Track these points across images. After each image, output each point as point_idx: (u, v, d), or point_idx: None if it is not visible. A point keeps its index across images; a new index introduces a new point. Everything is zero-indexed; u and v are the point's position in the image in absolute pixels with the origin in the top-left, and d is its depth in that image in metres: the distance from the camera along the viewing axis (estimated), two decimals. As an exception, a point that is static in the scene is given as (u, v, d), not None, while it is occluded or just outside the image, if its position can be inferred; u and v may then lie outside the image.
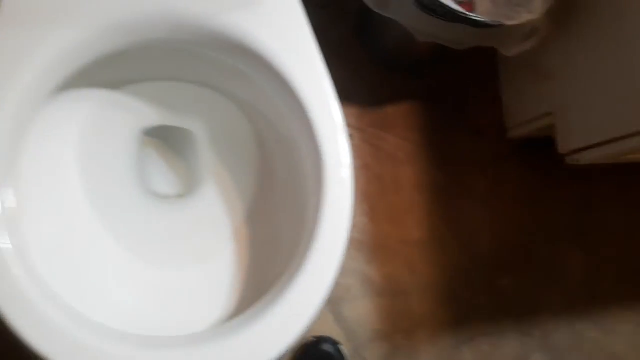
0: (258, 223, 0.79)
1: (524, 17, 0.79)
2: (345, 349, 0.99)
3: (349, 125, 0.81)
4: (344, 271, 0.62)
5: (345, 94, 0.71)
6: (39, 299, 0.53)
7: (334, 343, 0.98)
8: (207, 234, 0.79)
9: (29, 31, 0.59)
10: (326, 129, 0.64)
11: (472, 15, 0.78)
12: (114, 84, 0.78)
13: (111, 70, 0.74)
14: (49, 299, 0.54)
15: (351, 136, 1.06)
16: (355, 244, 1.05)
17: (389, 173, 1.09)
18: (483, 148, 1.14)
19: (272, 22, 0.66)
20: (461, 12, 0.78)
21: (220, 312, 0.72)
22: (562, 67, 0.91)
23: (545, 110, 0.96)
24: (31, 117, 0.61)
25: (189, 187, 0.83)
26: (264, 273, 0.73)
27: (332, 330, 1.02)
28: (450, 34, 0.82)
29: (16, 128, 0.59)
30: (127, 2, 0.63)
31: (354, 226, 0.75)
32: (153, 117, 0.82)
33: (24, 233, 0.59)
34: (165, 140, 0.85)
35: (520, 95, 1.06)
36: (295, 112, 0.66)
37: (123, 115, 0.79)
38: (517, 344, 1.07)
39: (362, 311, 1.04)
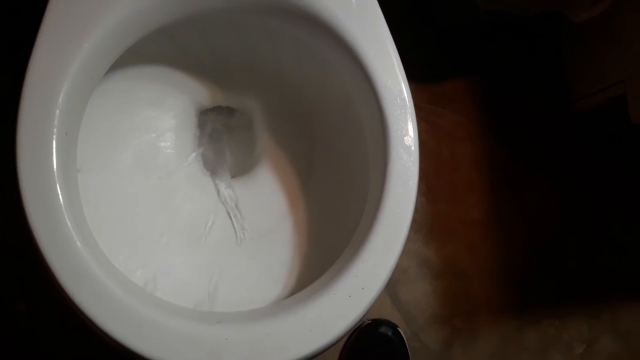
0: (316, 199, 0.77)
1: (596, -24, 0.75)
2: (402, 332, 0.96)
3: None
4: (401, 253, 0.60)
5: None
6: (101, 273, 0.52)
7: (392, 326, 0.96)
8: (265, 212, 0.78)
9: (88, 2, 0.58)
10: (391, 97, 0.62)
11: (541, -24, 0.74)
12: (168, 63, 0.77)
13: (166, 46, 0.73)
14: (110, 273, 0.53)
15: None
16: (412, 224, 1.01)
17: (447, 150, 1.06)
18: (547, 123, 1.09)
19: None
20: (529, -27, 0.74)
21: (279, 289, 0.71)
22: (635, 29, 0.85)
23: (615, 79, 0.91)
24: (91, 89, 0.60)
25: (245, 165, 0.82)
26: (324, 248, 0.72)
27: (389, 314, 0.99)
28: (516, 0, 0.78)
29: (80, 101, 0.58)
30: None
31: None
32: (207, 97, 0.81)
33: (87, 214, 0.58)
34: (221, 119, 0.84)
35: (586, 65, 1.01)
36: (358, 79, 0.63)
37: (178, 95, 0.78)
38: (584, 326, 1.03)
39: (420, 294, 1.01)
